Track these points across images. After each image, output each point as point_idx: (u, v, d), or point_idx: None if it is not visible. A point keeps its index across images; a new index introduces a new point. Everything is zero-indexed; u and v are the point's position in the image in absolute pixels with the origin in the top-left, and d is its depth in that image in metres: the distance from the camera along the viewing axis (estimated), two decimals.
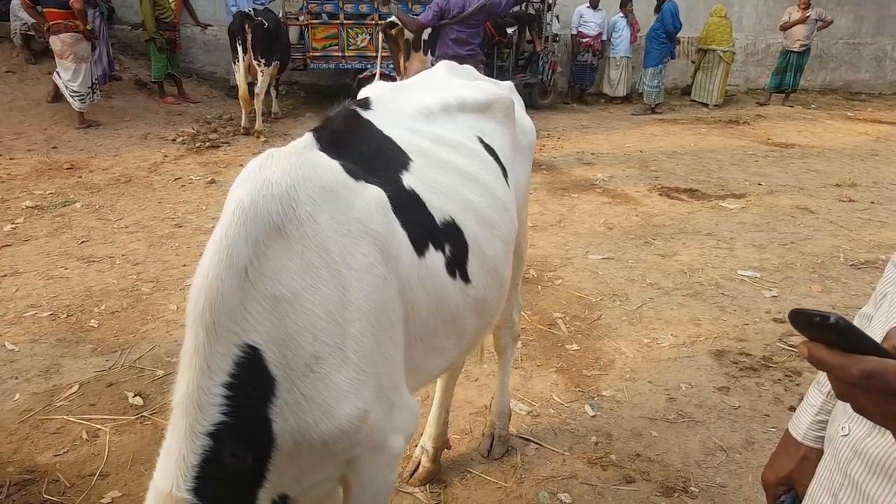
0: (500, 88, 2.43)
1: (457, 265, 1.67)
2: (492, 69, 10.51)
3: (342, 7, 10.01)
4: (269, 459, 1.25)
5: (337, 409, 1.29)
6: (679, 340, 3.82)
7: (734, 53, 12.55)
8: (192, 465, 1.17)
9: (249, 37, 8.31)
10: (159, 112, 9.60)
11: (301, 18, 10.09)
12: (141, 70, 10.62)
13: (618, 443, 2.91)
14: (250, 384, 1.21)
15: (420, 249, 1.55)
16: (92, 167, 7.22)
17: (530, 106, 11.43)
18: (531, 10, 11.59)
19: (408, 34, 8.18)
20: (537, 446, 2.90)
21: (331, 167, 1.44)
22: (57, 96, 8.86)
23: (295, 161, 1.38)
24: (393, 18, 8.22)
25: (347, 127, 1.68)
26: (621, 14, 12.00)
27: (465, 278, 1.70)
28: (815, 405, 1.13)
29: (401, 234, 1.51)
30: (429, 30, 6.63)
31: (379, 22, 9.10)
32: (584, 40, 12.00)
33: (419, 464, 2.67)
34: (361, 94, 2.12)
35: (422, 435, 2.74)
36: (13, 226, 5.46)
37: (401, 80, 6.85)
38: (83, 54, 8.33)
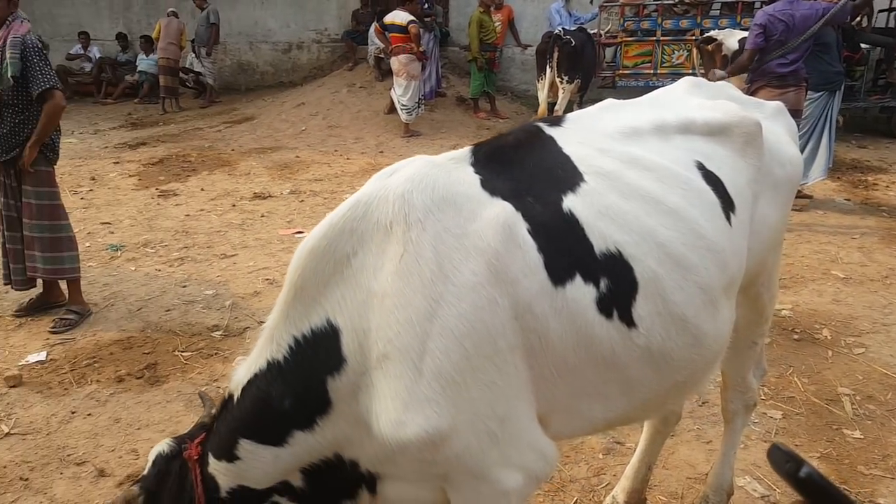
0: (760, 110, 2.09)
1: (615, 304, 1.46)
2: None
3: (660, 23, 9.60)
4: (321, 416, 1.39)
5: (396, 416, 1.30)
6: None
7: None
8: (251, 372, 1.44)
9: (556, 55, 8.48)
10: (471, 126, 10.41)
11: (617, 36, 9.97)
12: (464, 88, 11.64)
13: None
14: (317, 351, 1.37)
15: (559, 278, 1.41)
16: None
17: (888, 134, 9.53)
18: None
19: (725, 49, 7.47)
20: None
21: (462, 180, 1.44)
22: (392, 109, 10.23)
23: (425, 170, 1.43)
24: (711, 33, 7.57)
25: (520, 142, 1.62)
26: None
27: (628, 321, 1.47)
28: None
29: (532, 258, 1.39)
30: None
31: (699, 37, 8.50)
32: None
33: None
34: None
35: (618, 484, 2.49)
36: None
37: None
38: (414, 73, 9.46)
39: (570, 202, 1.48)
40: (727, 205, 1.72)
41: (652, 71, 9.80)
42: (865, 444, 2.87)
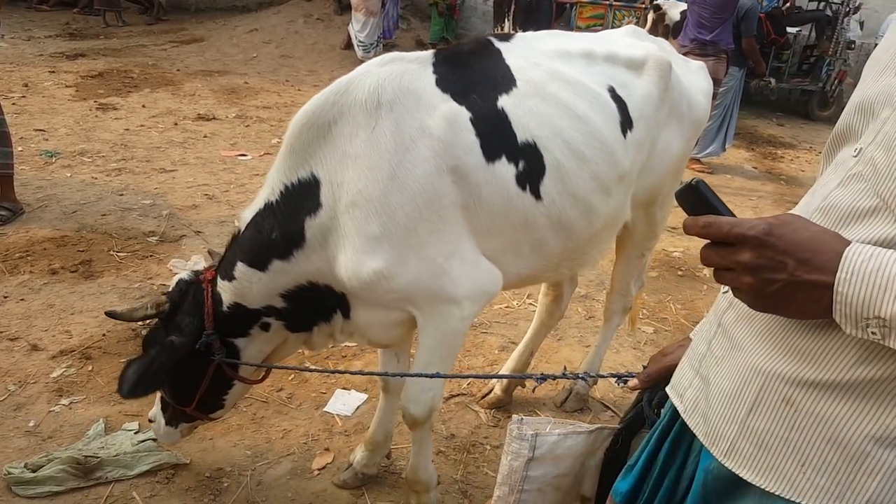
0: (686, 64, 2.47)
1: (528, 181, 1.85)
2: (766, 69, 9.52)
3: None
4: (297, 250, 1.75)
5: (359, 254, 1.67)
6: None
7: None
8: (253, 210, 1.81)
9: (513, 7, 8.62)
10: None
11: None
12: (423, 31, 11.65)
13: None
14: (301, 197, 1.72)
15: (490, 157, 1.78)
16: None
17: (805, 116, 10.19)
18: (828, 12, 10.14)
19: (668, 19, 7.79)
20: (613, 415, 2.89)
21: (423, 77, 1.79)
22: (348, 44, 10.17)
23: (395, 65, 1.78)
24: (659, 1, 7.85)
25: (472, 50, 1.97)
26: None
27: (536, 195, 1.87)
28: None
29: (471, 140, 1.75)
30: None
31: (649, 6, 8.80)
32: None
33: (492, 390, 2.91)
34: None
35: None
36: (278, 140, 6.48)
37: None
38: (374, 9, 9.41)
39: (503, 101, 1.85)
40: (626, 122, 2.09)
41: None
42: None
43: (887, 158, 0.82)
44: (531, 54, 2.02)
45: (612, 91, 2.08)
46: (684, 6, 7.21)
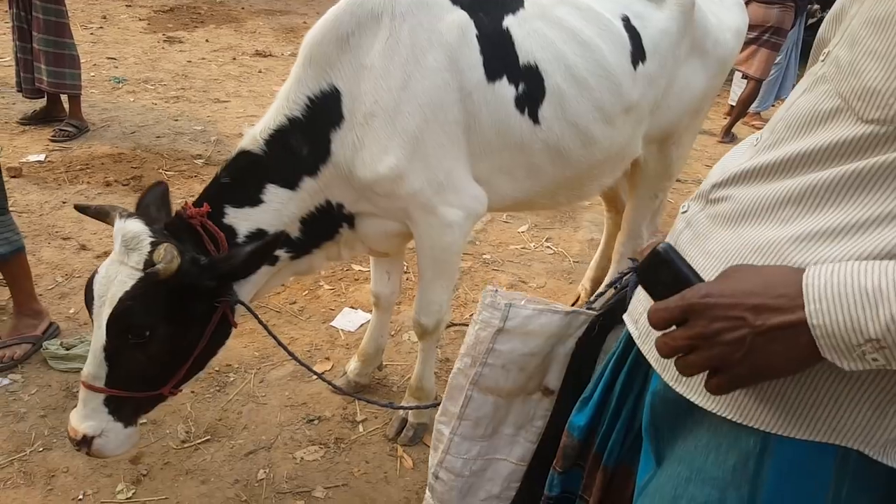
0: None
1: (527, 104, 1.88)
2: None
3: None
4: (323, 164, 1.76)
5: (376, 156, 1.73)
6: None
7: None
8: (270, 128, 1.75)
9: None
10: None
11: None
12: None
13: None
14: (325, 109, 1.73)
15: (492, 76, 1.83)
16: None
17: None
18: None
19: None
20: None
21: None
22: None
23: None
24: None
25: None
26: None
27: (535, 119, 1.90)
28: None
29: (475, 57, 1.80)
30: None
31: None
32: None
33: (579, 296, 3.18)
34: None
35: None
36: None
37: None
38: None
39: (508, 21, 1.87)
40: (638, 54, 2.07)
41: None
42: None
43: (850, 54, 0.76)
44: None
45: (626, 21, 2.07)
46: None
